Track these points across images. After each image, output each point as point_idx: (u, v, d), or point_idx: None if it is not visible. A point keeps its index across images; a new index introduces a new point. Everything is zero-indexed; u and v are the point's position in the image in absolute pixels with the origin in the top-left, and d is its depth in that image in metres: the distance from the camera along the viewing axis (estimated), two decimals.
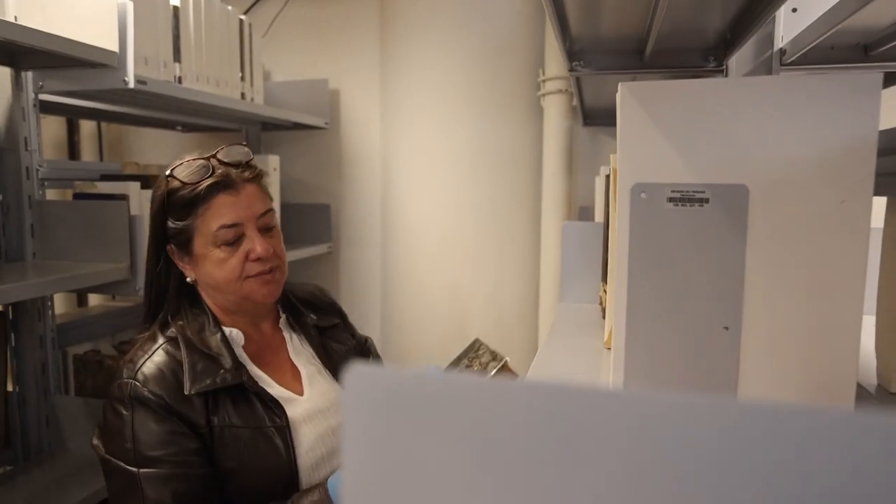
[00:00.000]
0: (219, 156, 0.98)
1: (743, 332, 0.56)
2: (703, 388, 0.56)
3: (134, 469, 0.90)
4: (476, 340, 1.05)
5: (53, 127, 2.25)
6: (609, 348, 0.82)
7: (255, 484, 0.95)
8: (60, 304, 1.90)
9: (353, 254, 2.31)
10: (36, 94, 1.38)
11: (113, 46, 1.32)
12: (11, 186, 1.39)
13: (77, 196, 1.49)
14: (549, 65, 2.00)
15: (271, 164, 1.95)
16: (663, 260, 0.57)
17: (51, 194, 1.74)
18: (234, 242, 0.97)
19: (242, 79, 1.81)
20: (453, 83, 2.01)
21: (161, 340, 0.98)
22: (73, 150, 2.30)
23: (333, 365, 1.09)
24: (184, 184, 0.95)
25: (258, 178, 1.00)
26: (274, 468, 0.95)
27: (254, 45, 1.86)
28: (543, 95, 2.01)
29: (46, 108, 1.76)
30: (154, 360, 0.96)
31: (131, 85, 1.32)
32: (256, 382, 0.98)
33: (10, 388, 1.45)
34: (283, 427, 0.96)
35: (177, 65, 1.53)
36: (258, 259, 0.97)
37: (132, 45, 1.32)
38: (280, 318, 1.10)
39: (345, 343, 1.15)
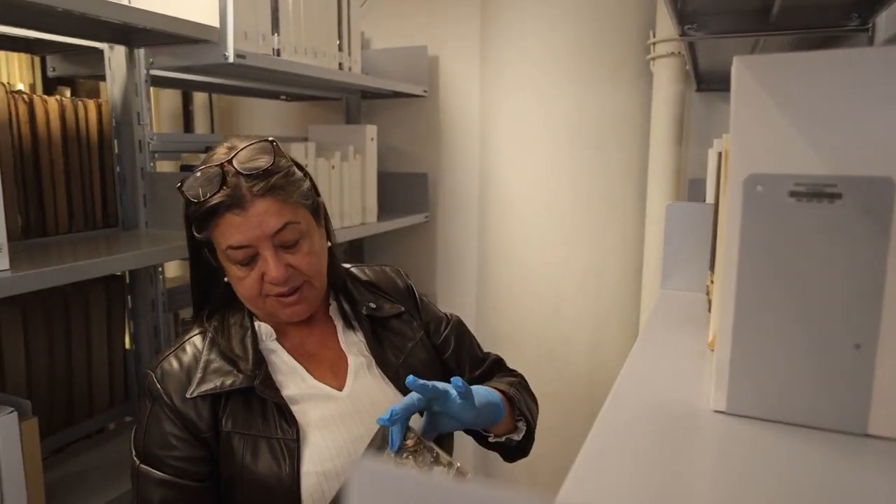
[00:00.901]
0: (234, 162, 0.88)
1: (878, 352, 0.48)
2: (826, 417, 0.49)
3: (137, 461, 0.92)
4: (382, 427, 0.87)
5: (170, 99, 2.36)
6: (713, 350, 0.74)
7: (253, 496, 0.91)
8: (173, 269, 2.01)
9: (449, 224, 2.29)
10: (147, 71, 1.43)
11: (214, 22, 1.34)
12: (127, 159, 1.46)
13: (183, 168, 1.55)
14: (660, 25, 1.85)
15: (368, 134, 1.94)
16: (781, 265, 0.49)
17: (164, 166, 1.83)
18: (249, 262, 0.90)
19: (340, 49, 1.80)
20: (555, 47, 1.91)
21: (192, 336, 0.98)
22: (187, 120, 2.40)
23: (386, 359, 1.01)
24: (190, 201, 0.89)
25: (274, 189, 0.88)
26: (273, 482, 0.89)
27: (352, 14, 1.84)
28: (653, 59, 1.87)
29: (160, 82, 1.84)
30: (177, 355, 0.95)
31: (231, 60, 1.34)
32: (271, 386, 0.92)
33: (127, 346, 1.55)
34: (291, 440, 0.90)
35: (275, 37, 1.54)
36: (276, 283, 0.90)
37: (232, 21, 1.34)
38: (330, 304, 1.04)
39: (407, 335, 1.05)
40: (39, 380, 1.33)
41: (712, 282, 0.94)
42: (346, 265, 1.11)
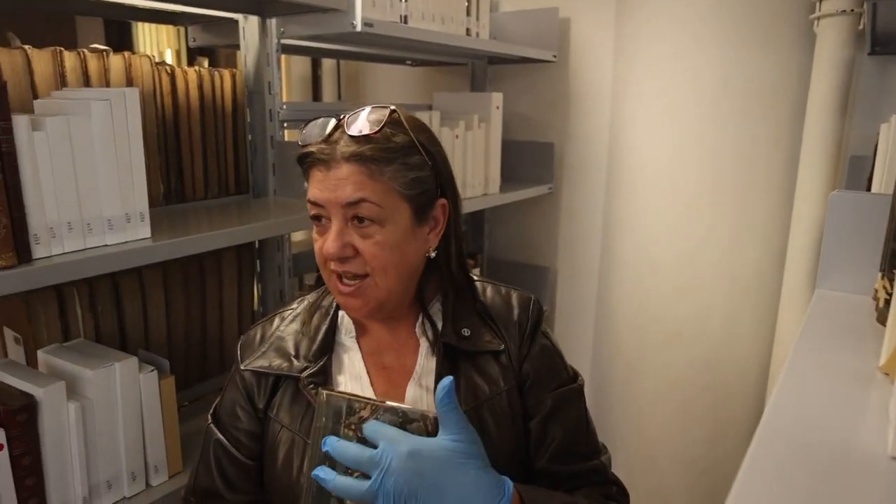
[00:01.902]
0: (349, 119, 0.81)
1: None
2: None
3: (210, 418, 0.94)
4: (335, 397, 0.75)
5: (301, 65, 2.42)
6: (887, 374, 0.64)
7: (279, 489, 0.88)
8: (298, 234, 2.07)
9: (574, 196, 2.19)
10: (278, 40, 1.45)
11: None
12: (258, 127, 1.50)
13: None
14: None
15: (494, 102, 1.88)
16: None
17: (293, 135, 1.87)
18: (322, 224, 0.83)
19: (468, 13, 1.74)
20: (700, 7, 1.73)
21: (285, 310, 0.96)
22: (316, 86, 2.45)
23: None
24: (299, 144, 0.84)
25: (364, 159, 0.78)
26: (285, 487, 0.85)
27: None
28: (818, 18, 1.65)
29: (291, 49, 1.87)
30: (263, 326, 0.95)
31: (359, 28, 1.33)
32: (317, 384, 0.85)
33: (255, 308, 1.63)
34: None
35: (403, 4, 1.51)
36: (329, 257, 0.81)
37: None
38: (418, 320, 0.91)
39: (493, 380, 0.87)
40: (178, 337, 1.42)
41: (885, 287, 0.81)
42: (476, 277, 0.96)
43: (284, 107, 1.50)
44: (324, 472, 0.70)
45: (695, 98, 1.78)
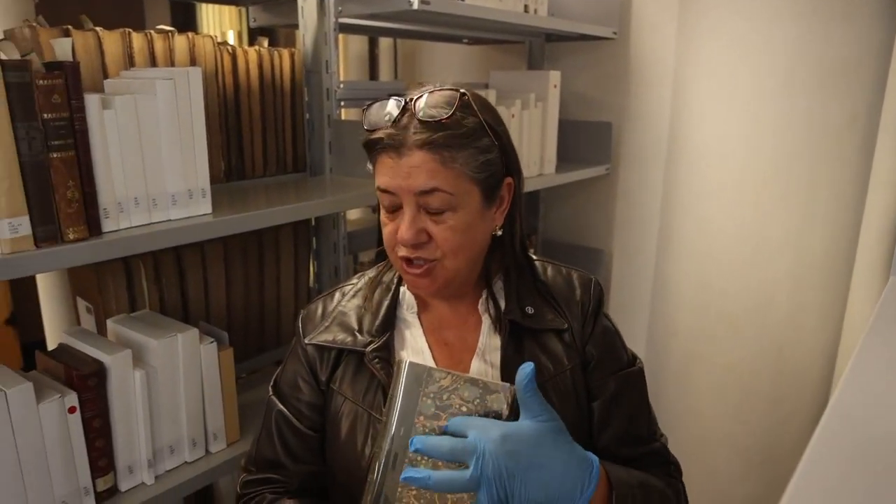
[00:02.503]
0: (419, 101, 0.79)
1: None
2: None
3: (271, 389, 0.96)
4: (417, 365, 0.76)
5: (358, 44, 2.43)
6: None
7: (337, 460, 0.89)
8: (353, 212, 2.10)
9: (632, 177, 2.14)
10: (336, 19, 1.46)
11: None
12: (315, 106, 1.52)
13: None
14: None
15: (551, 81, 1.84)
16: None
17: (349, 113, 1.89)
18: (393, 210, 0.83)
19: None
20: None
21: (346, 285, 0.97)
22: (372, 65, 2.46)
23: (513, 376, 0.78)
24: (364, 128, 0.83)
25: (436, 146, 0.77)
26: (350, 454, 0.87)
27: None
28: None
29: (349, 28, 1.88)
30: (324, 301, 0.96)
31: (415, 6, 1.32)
32: (384, 358, 0.86)
33: (311, 284, 1.66)
34: (379, 420, 0.84)
35: None
36: (403, 244, 0.82)
37: None
38: (481, 296, 0.92)
39: (558, 358, 0.88)
40: (237, 310, 1.47)
41: None
42: (535, 257, 0.97)
43: (341, 85, 1.51)
44: (417, 472, 0.70)
45: (764, 75, 1.71)
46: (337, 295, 0.97)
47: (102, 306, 1.27)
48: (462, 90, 0.81)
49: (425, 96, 0.80)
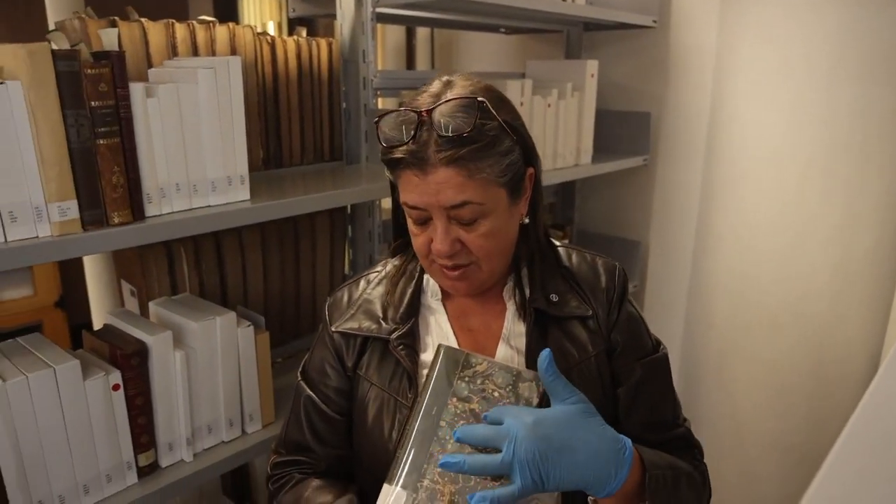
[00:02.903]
0: (435, 113, 0.76)
1: None
2: None
3: (299, 375, 0.98)
4: (455, 350, 0.80)
5: (395, 35, 2.44)
6: None
7: (364, 445, 0.90)
8: (388, 202, 2.11)
9: (670, 168, 2.11)
10: (373, 9, 1.47)
11: None
12: (352, 95, 1.54)
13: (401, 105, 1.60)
14: None
15: (589, 70, 1.83)
16: None
17: (385, 103, 1.90)
18: (423, 223, 0.83)
19: None
20: None
21: (371, 273, 0.98)
22: (410, 55, 2.47)
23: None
24: (380, 142, 0.81)
25: (461, 161, 0.76)
26: (377, 439, 0.88)
27: None
28: None
29: (386, 18, 1.89)
30: (350, 288, 0.97)
31: None
32: (409, 345, 0.88)
33: (346, 271, 1.68)
34: (406, 406, 0.86)
35: None
36: (439, 256, 0.83)
37: None
38: (506, 284, 0.93)
39: (583, 345, 0.89)
40: (273, 296, 1.50)
41: None
42: (557, 242, 0.97)
43: (378, 75, 1.53)
44: (452, 458, 0.72)
45: (808, 63, 1.66)
46: (362, 283, 0.98)
47: (145, 289, 1.31)
48: (480, 98, 0.78)
49: (441, 107, 0.77)
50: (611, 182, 2.22)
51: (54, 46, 0.87)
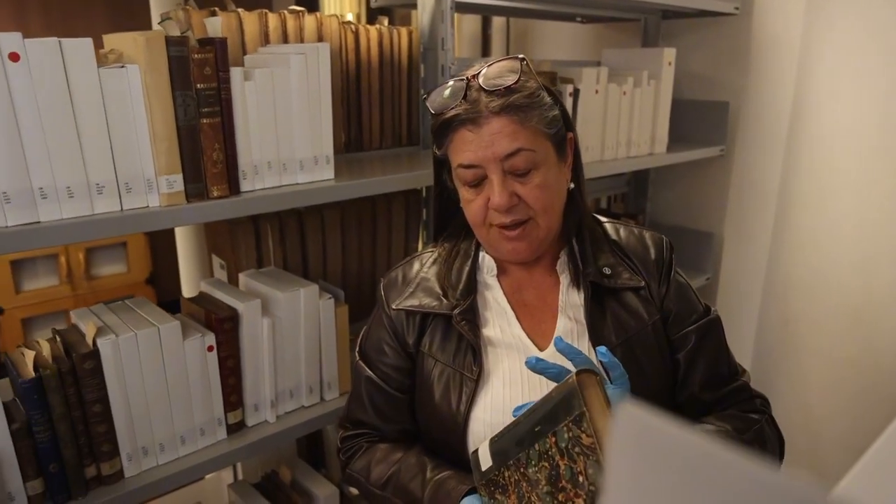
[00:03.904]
0: (480, 77, 0.84)
1: None
2: None
3: (357, 356, 1.01)
4: (577, 396, 0.68)
5: (471, 25, 2.48)
6: None
7: (431, 419, 0.93)
8: None
9: (747, 160, 2.06)
10: None
11: None
12: (430, 82, 1.58)
13: None
14: None
15: (665, 58, 1.81)
16: None
17: None
18: (478, 184, 0.86)
19: None
20: None
21: (422, 253, 1.01)
22: (485, 45, 2.50)
23: (602, 333, 0.89)
24: (432, 112, 0.87)
25: (512, 109, 0.81)
26: (446, 415, 0.90)
27: None
28: None
29: (462, 7, 1.93)
30: (404, 268, 1.00)
31: None
32: (470, 320, 0.90)
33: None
34: (472, 380, 0.89)
35: None
36: (498, 209, 0.85)
37: None
38: (559, 257, 0.96)
39: (639, 314, 0.92)
40: (350, 274, 1.57)
41: None
42: (603, 219, 1.02)
43: (456, 62, 1.57)
44: None
45: None
46: (415, 263, 1.01)
47: (234, 263, 1.41)
48: (520, 56, 0.86)
49: (485, 69, 0.85)
50: (685, 172, 2.19)
51: (168, 33, 0.96)
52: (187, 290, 1.87)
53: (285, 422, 1.23)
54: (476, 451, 0.82)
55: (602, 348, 0.80)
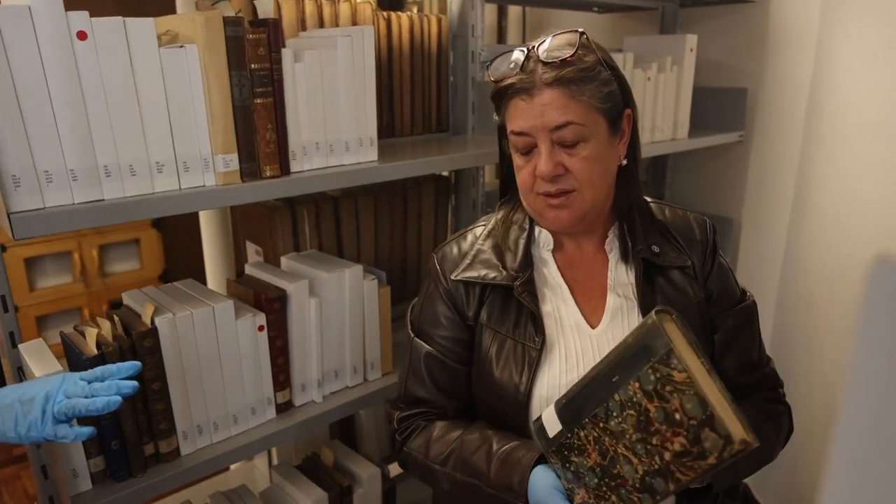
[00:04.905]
0: (540, 48, 0.86)
1: None
2: None
3: (412, 333, 1.01)
4: (662, 334, 0.68)
5: (487, 14, 2.49)
6: None
7: (491, 392, 0.93)
8: (490, 174, 2.17)
9: (766, 146, 2.08)
10: None
11: None
12: (460, 69, 1.60)
13: None
14: None
15: (688, 44, 1.83)
16: None
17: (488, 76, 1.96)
18: (528, 152, 0.89)
19: None
20: None
21: (475, 227, 1.02)
22: (500, 35, 2.52)
23: (649, 308, 0.86)
24: (492, 80, 0.90)
25: (564, 82, 0.84)
26: (509, 385, 0.91)
27: None
28: None
29: None
30: (458, 242, 1.01)
31: None
32: (531, 291, 0.92)
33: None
34: (535, 349, 0.89)
35: None
36: (543, 178, 0.88)
37: None
38: (608, 236, 0.98)
39: (686, 292, 0.94)
40: (383, 259, 1.59)
41: None
42: (648, 199, 1.03)
43: (486, 49, 1.59)
44: None
45: None
46: (469, 236, 1.02)
47: (272, 248, 1.42)
48: (581, 29, 0.88)
49: (547, 41, 0.87)
50: (704, 158, 2.21)
51: (225, 14, 0.97)
52: (212, 282, 1.88)
53: (331, 401, 1.24)
54: (539, 420, 0.83)
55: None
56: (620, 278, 0.96)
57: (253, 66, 1.00)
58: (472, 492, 0.89)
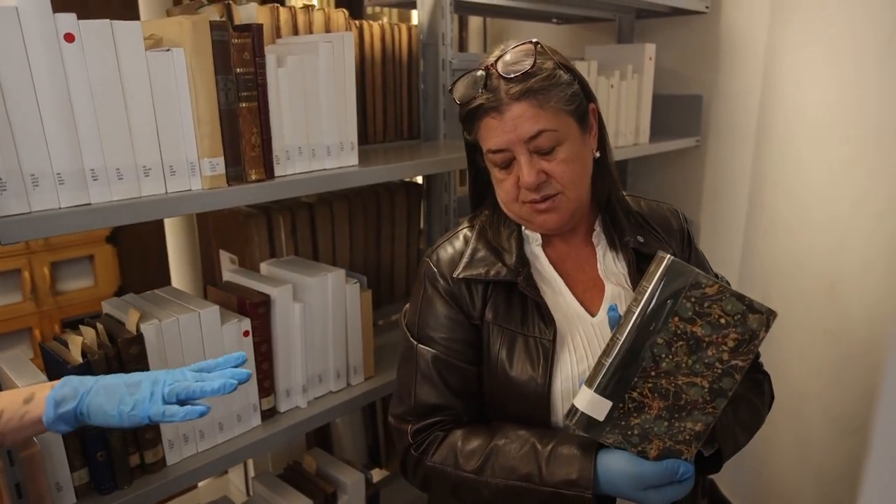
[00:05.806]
0: (499, 64, 0.89)
1: None
2: None
3: (414, 341, 0.98)
4: (683, 266, 0.76)
5: None
6: None
7: (507, 391, 0.93)
8: (462, 180, 2.19)
9: (721, 150, 2.18)
10: None
11: None
12: (430, 76, 1.63)
13: None
14: None
15: (647, 53, 1.91)
16: None
17: None
18: (507, 166, 0.92)
19: None
20: None
21: (462, 229, 1.03)
22: (461, 44, 2.56)
23: None
24: (458, 103, 0.93)
25: (531, 93, 0.87)
26: (526, 381, 0.91)
27: None
28: None
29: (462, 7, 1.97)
30: (451, 243, 1.01)
31: None
32: (533, 285, 0.93)
33: (421, 246, 1.77)
34: (548, 340, 0.90)
35: None
36: (528, 188, 0.90)
37: None
38: (594, 230, 1.02)
39: None
40: (357, 266, 1.59)
41: None
42: (626, 194, 1.07)
43: (456, 57, 1.62)
44: None
45: (864, 42, 1.73)
46: (461, 237, 1.02)
47: (248, 256, 1.41)
48: (535, 40, 0.91)
49: (506, 55, 0.89)
50: (663, 164, 2.29)
51: (211, 18, 0.97)
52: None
53: (316, 407, 1.24)
54: (577, 414, 0.80)
55: (613, 305, 0.87)
56: (610, 268, 0.99)
57: (238, 70, 1.00)
58: (522, 495, 0.86)
